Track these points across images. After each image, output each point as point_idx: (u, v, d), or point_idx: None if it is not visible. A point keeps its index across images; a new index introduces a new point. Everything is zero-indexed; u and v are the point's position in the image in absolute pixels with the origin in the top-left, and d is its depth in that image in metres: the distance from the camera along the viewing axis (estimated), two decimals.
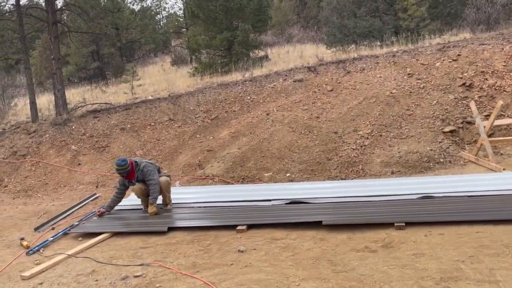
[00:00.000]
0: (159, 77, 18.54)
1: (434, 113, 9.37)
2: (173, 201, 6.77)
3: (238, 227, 5.37)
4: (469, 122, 8.90)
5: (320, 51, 16.06)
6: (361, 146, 8.55)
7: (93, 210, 6.99)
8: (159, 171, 6.78)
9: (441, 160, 7.88)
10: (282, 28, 25.73)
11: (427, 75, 10.67)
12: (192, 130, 10.56)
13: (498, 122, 7.75)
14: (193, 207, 6.65)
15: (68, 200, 8.01)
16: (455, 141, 8.57)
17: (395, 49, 12.74)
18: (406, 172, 7.71)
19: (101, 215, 6.51)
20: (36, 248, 5.47)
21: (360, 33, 14.68)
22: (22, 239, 5.78)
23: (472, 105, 7.63)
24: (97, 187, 8.69)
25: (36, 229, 6.36)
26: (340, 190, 6.60)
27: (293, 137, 9.20)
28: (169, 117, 11.21)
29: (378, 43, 13.54)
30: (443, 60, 11.06)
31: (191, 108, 11.51)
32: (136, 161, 6.58)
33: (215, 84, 12.69)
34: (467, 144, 8.49)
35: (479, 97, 9.52)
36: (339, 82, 11.42)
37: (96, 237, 5.58)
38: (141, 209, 6.74)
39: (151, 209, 6.32)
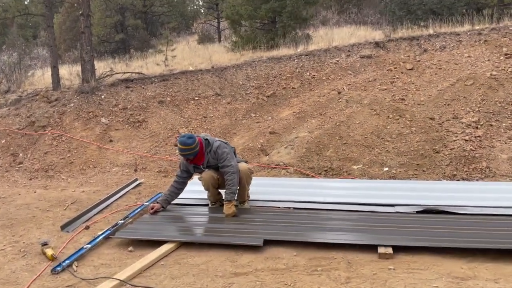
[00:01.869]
0: (190, 54, 16.47)
1: None
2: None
3: (381, 249, 3.38)
4: None
5: (371, 34, 13.90)
6: (476, 137, 6.50)
7: (143, 203, 5.01)
8: (235, 155, 4.77)
9: None
10: (316, 9, 23.49)
11: None
12: (245, 107, 8.54)
13: None
14: (280, 207, 4.66)
15: (101, 186, 6.03)
16: None
17: (477, 27, 10.61)
18: None
19: (155, 212, 4.53)
20: (67, 261, 3.50)
21: (426, 10, 12.51)
22: (44, 244, 3.81)
23: None
24: (136, 170, 6.71)
25: (63, 227, 4.39)
26: (489, 197, 4.57)
27: (379, 122, 7.16)
28: (215, 91, 9.18)
29: (455, 20, 11.37)
30: None
31: (240, 82, 9.48)
32: (207, 139, 4.58)
33: (264, 57, 10.63)
34: None
35: None
36: (418, 61, 9.34)
37: (156, 249, 3.61)
38: (207, 205, 4.77)
39: (229, 208, 4.34)
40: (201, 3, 24.43)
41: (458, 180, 5.65)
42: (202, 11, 27.47)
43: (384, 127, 7.02)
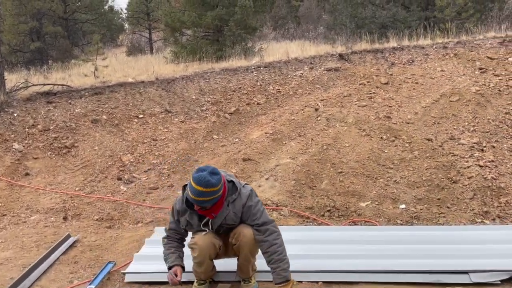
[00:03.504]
0: (122, 65, 14.32)
1: None
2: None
3: None
4: None
5: (325, 48, 12.83)
6: (490, 162, 5.39)
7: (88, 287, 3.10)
8: None
9: None
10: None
11: (507, 72, 7.87)
12: (205, 127, 6.83)
13: None
14: (302, 282, 3.04)
15: (13, 250, 3.95)
16: None
17: (439, 41, 9.90)
18: None
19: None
20: None
21: (378, 24, 11.71)
22: None
23: None
24: (65, 219, 4.68)
25: None
26: None
27: (373, 144, 5.84)
28: (163, 107, 7.37)
29: (411, 34, 10.61)
30: None
31: (193, 97, 7.76)
32: (232, 181, 2.88)
33: (217, 69, 9.01)
34: None
35: None
36: (391, 74, 8.30)
37: None
38: (188, 282, 3.01)
39: None
40: (127, 13, 22.14)
41: (494, 219, 4.43)
42: (127, 24, 25.13)
43: (381, 151, 5.71)
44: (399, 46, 9.73)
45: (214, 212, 2.77)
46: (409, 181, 5.09)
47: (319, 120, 6.60)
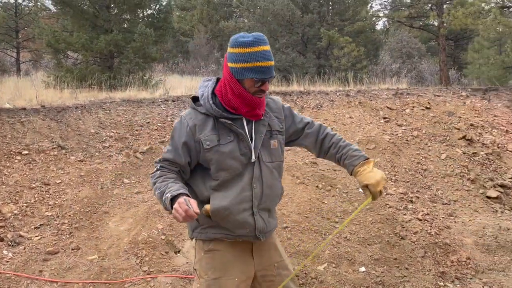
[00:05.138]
0: None
1: (453, 170, 6.80)
2: None
3: None
4: (503, 186, 6.59)
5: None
6: (426, 215, 5.23)
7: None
8: None
9: None
10: None
11: (407, 122, 8.26)
12: (112, 169, 5.54)
13: None
14: None
15: None
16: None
17: (341, 88, 10.15)
18: None
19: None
20: None
21: (280, 67, 11.69)
22: None
23: None
24: None
25: None
26: None
27: (311, 194, 5.30)
28: (55, 142, 5.86)
29: (311, 80, 10.74)
30: (413, 107, 8.89)
31: (92, 131, 6.40)
32: None
33: (117, 99, 7.76)
34: None
35: (486, 154, 7.42)
36: None
37: None
38: None
39: (374, 172, 2.03)
40: None
41: (454, 282, 4.14)
42: None
43: (321, 202, 5.18)
44: (305, 90, 9.68)
45: (262, 107, 1.96)
46: (359, 237, 4.61)
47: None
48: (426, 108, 8.81)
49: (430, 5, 14.63)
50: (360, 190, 1.93)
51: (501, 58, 15.84)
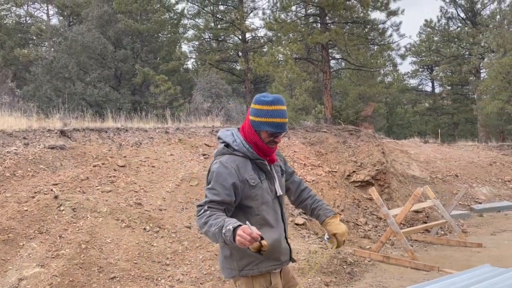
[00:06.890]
0: None
1: None
2: None
3: None
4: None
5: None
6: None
7: None
8: None
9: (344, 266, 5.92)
10: None
11: None
12: None
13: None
14: None
15: None
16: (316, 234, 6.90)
17: (159, 125, 10.06)
18: None
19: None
20: None
21: (90, 101, 10.93)
22: None
23: (374, 193, 6.21)
24: None
25: None
26: None
27: (139, 238, 5.00)
28: None
29: (128, 116, 10.34)
30: None
31: None
32: None
33: None
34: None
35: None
36: (125, 156, 7.68)
37: None
38: None
39: (341, 225, 2.47)
40: None
41: None
42: None
43: (150, 245, 4.92)
44: (123, 127, 9.24)
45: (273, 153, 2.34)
46: (191, 277, 4.51)
47: (63, 210, 5.18)
48: None
49: (237, 51, 16.05)
50: (326, 237, 2.28)
51: (293, 101, 18.40)
